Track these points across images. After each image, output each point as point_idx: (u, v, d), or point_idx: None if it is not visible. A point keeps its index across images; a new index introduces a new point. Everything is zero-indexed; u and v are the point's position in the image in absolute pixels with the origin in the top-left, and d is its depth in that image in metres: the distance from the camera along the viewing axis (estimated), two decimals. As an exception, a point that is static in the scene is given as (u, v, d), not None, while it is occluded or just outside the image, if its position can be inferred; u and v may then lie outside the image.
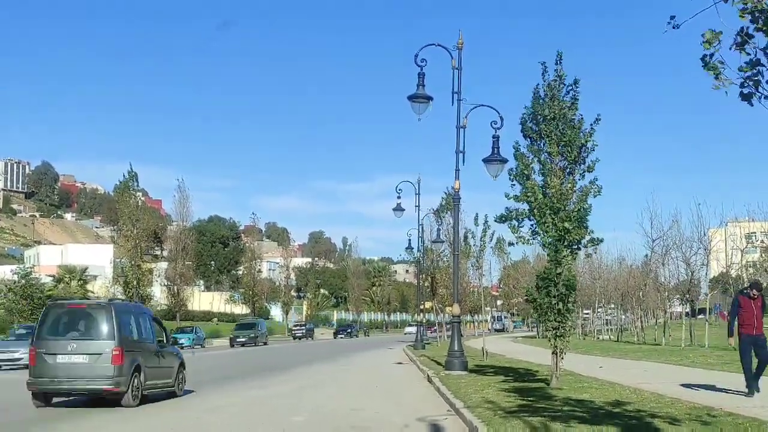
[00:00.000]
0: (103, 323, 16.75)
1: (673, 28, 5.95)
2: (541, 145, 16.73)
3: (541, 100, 16.80)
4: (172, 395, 18.82)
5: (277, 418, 14.15)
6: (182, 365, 19.78)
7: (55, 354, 16.50)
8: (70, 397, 17.30)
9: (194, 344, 60.04)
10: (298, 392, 19.81)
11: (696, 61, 5.97)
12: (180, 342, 51.65)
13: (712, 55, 5.88)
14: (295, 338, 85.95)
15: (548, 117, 16.56)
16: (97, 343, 16.58)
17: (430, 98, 22.46)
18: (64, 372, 16.39)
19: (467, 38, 23.47)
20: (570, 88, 16.71)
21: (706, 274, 44.00)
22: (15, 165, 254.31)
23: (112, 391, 16.36)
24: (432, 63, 22.65)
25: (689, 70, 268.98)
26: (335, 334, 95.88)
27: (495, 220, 17.34)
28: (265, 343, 66.79)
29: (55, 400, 16.96)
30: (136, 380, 16.82)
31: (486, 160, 21.80)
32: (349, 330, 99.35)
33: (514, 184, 16.83)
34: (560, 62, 16.76)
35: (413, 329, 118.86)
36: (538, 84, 16.98)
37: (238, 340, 64.33)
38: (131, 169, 70.19)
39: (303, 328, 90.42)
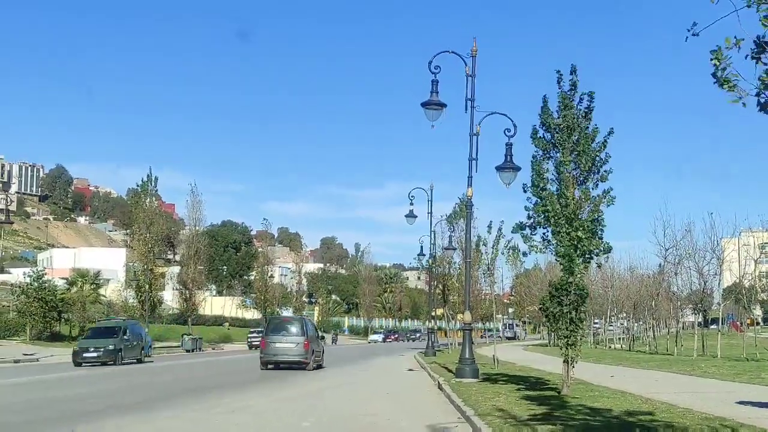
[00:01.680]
0: (299, 327, 33.29)
1: (693, 35, 5.90)
2: (555, 154, 16.72)
3: (552, 110, 16.78)
4: (320, 367, 33.91)
5: (288, 422, 14.16)
6: (323, 351, 36.15)
7: (275, 343, 32.50)
8: (271, 365, 32.52)
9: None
10: (311, 396, 19.82)
11: (710, 67, 5.92)
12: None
13: (724, 69, 5.82)
14: (251, 348, 68.94)
15: (562, 126, 16.55)
16: (296, 337, 32.51)
17: (443, 105, 22.46)
18: (280, 352, 32.38)
19: (481, 42, 23.45)
20: (583, 96, 16.68)
21: (719, 284, 43.78)
22: (29, 168, 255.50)
23: (304, 362, 32.18)
24: (445, 69, 22.68)
25: (703, 75, 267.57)
26: None
27: (512, 231, 17.37)
28: (140, 360, 42.34)
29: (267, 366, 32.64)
30: (312, 357, 32.74)
31: (499, 168, 21.78)
32: None
33: (529, 197, 16.79)
34: (575, 73, 16.71)
35: (378, 337, 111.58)
36: (545, 95, 16.98)
37: (86, 356, 39.07)
38: (150, 172, 70.49)
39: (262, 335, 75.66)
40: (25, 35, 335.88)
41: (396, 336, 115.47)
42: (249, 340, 72.61)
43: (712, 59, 5.80)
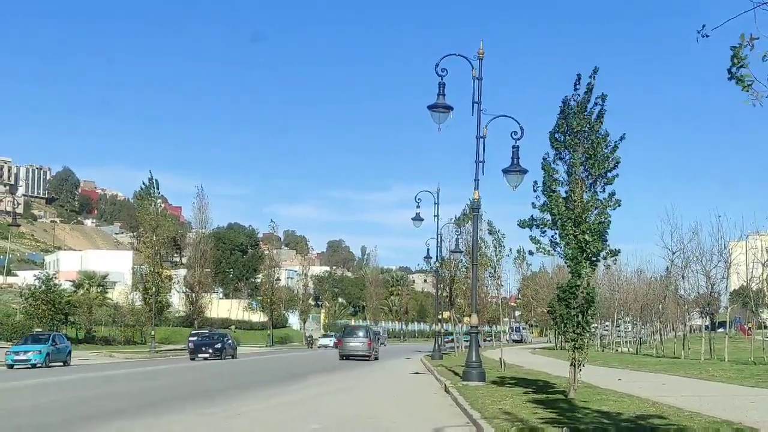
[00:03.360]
0: (364, 332, 51.00)
1: (703, 37, 5.85)
2: (566, 156, 16.69)
3: (571, 112, 16.73)
4: (377, 359, 47.91)
5: (294, 425, 14.15)
6: (380, 348, 53.72)
7: (349, 342, 48.26)
8: (345, 357, 47.18)
9: (48, 361, 40.29)
10: (317, 398, 19.80)
11: (719, 70, 5.86)
12: (24, 359, 39.14)
13: (741, 66, 5.74)
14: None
15: (575, 129, 16.52)
16: (363, 339, 48.48)
17: (450, 108, 22.40)
18: (352, 348, 47.57)
19: (488, 47, 23.40)
20: (597, 100, 16.63)
21: (726, 287, 43.65)
22: (36, 171, 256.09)
23: (368, 355, 47.17)
24: (452, 71, 22.64)
25: (709, 78, 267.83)
26: (192, 353, 51.89)
27: (518, 225, 17.34)
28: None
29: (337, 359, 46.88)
30: (373, 352, 48.08)
31: (506, 171, 21.72)
32: (218, 345, 52.10)
33: (538, 196, 16.80)
34: (594, 76, 16.60)
35: (328, 341, 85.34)
36: (566, 96, 16.90)
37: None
38: (151, 176, 70.70)
39: (195, 339, 57.10)
40: (31, 40, 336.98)
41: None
42: (189, 344, 57.27)
43: (732, 57, 5.72)
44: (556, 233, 16.52)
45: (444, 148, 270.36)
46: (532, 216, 16.88)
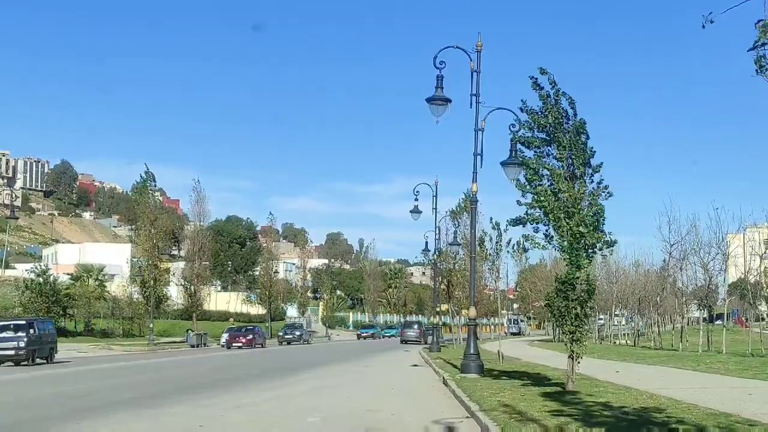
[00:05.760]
0: (418, 324, 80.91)
1: (710, 22, 5.89)
2: (551, 150, 16.69)
3: (536, 108, 16.80)
4: (426, 343, 61.99)
5: (293, 418, 14.17)
6: (426, 335, 69.37)
7: (407, 332, 74.52)
8: (405, 342, 69.91)
9: None
10: (315, 392, 19.82)
11: (716, 66, 5.92)
12: None
13: (763, 44, 5.77)
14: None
15: (556, 122, 16.55)
16: (417, 330, 75.28)
17: (448, 100, 22.39)
18: (409, 337, 71.93)
19: (487, 43, 23.38)
20: (564, 93, 16.71)
21: (724, 279, 43.70)
22: (34, 163, 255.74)
23: (420, 341, 67.53)
24: (450, 64, 22.61)
25: (709, 74, 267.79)
26: None
27: (509, 224, 17.35)
28: None
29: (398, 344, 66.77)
30: (423, 338, 69.86)
31: (504, 163, 21.71)
32: None
33: (525, 195, 16.79)
34: (546, 73, 16.70)
35: (225, 337, 63.38)
36: (523, 99, 17.08)
37: None
38: (147, 169, 70.73)
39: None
40: (28, 34, 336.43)
41: (250, 337, 63.33)
42: None
43: (757, 27, 5.77)
44: (549, 227, 16.52)
45: (444, 141, 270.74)
46: (520, 216, 16.89)
